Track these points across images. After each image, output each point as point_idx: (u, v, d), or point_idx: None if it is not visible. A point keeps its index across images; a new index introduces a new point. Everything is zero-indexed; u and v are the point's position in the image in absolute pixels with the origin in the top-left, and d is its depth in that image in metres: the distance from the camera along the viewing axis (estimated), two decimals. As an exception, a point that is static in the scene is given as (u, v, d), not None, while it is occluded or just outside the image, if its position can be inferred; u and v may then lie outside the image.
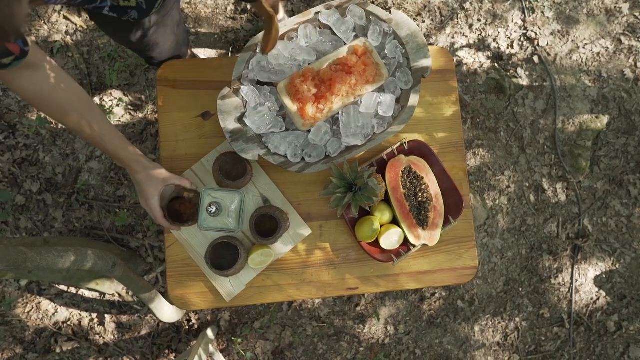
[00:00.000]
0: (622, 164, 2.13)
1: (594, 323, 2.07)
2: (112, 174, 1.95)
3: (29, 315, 1.90)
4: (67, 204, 1.93)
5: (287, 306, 1.97)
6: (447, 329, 2.02)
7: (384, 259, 1.19)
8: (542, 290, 2.06)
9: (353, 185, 1.11)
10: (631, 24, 2.18)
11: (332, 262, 1.23)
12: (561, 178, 2.10)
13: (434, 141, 1.29)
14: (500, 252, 2.06)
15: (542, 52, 2.14)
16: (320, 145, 1.16)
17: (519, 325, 2.05)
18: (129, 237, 1.93)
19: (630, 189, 2.12)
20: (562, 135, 2.11)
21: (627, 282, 2.10)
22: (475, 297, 2.04)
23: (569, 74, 2.14)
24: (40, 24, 1.98)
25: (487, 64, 2.11)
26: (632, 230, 2.11)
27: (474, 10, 2.14)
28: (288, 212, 1.22)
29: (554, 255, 2.07)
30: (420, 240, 1.18)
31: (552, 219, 2.09)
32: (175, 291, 1.21)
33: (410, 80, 1.18)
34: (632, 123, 2.14)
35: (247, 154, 1.12)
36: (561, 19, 2.16)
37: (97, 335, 1.91)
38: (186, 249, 1.20)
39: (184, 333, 1.92)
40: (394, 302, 2.00)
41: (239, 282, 1.20)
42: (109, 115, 1.96)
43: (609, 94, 2.15)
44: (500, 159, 2.08)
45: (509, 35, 2.14)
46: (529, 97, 2.11)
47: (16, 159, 1.93)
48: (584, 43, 2.16)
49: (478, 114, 2.08)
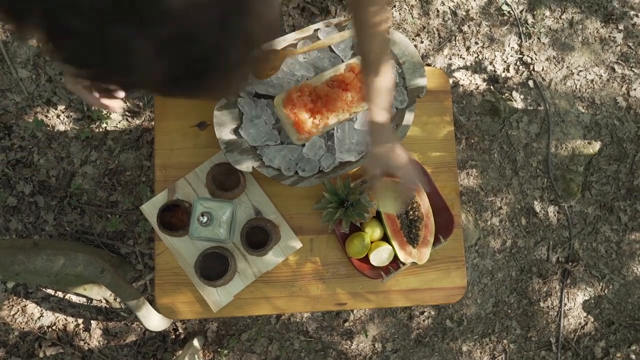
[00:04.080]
0: (613, 190, 2.15)
1: (581, 348, 2.07)
2: (106, 179, 1.95)
3: (13, 318, 1.88)
4: (59, 207, 1.93)
5: (275, 319, 1.96)
6: (435, 348, 2.01)
7: (373, 275, 1.19)
8: (531, 313, 2.07)
9: (345, 200, 1.12)
10: (624, 53, 2.22)
11: (321, 276, 1.23)
12: (553, 202, 2.12)
13: (427, 160, 1.30)
14: (490, 273, 2.06)
15: (537, 76, 2.17)
16: (314, 159, 1.17)
17: (506, 347, 2.05)
18: (120, 243, 1.92)
19: (620, 215, 2.13)
20: (554, 159, 2.14)
21: (615, 308, 2.11)
22: (464, 317, 2.04)
23: (563, 99, 2.17)
24: (42, 27, 1.99)
25: (483, 86, 2.14)
26: (621, 256, 2.12)
27: (471, 33, 2.18)
28: (279, 225, 1.22)
29: (544, 279, 2.08)
30: (410, 258, 1.19)
31: (543, 242, 2.10)
32: (162, 299, 1.20)
33: (405, 100, 1.19)
34: (623, 150, 2.17)
35: (241, 165, 1.13)
36: (557, 46, 2.20)
37: (82, 341, 1.89)
38: (176, 258, 1.20)
39: (170, 342, 1.90)
40: (382, 319, 2.00)
41: (227, 292, 1.20)
42: (106, 121, 1.96)
43: (601, 120, 2.18)
44: (493, 181, 2.10)
45: (505, 59, 2.18)
46: (523, 120, 2.14)
47: (10, 160, 1.93)
48: (579, 70, 2.20)
49: (472, 135, 2.10)
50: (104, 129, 1.97)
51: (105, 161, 1.96)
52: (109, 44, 0.37)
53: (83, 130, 1.95)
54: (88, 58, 0.39)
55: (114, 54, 0.38)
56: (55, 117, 1.96)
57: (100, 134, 1.96)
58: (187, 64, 0.41)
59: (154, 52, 0.38)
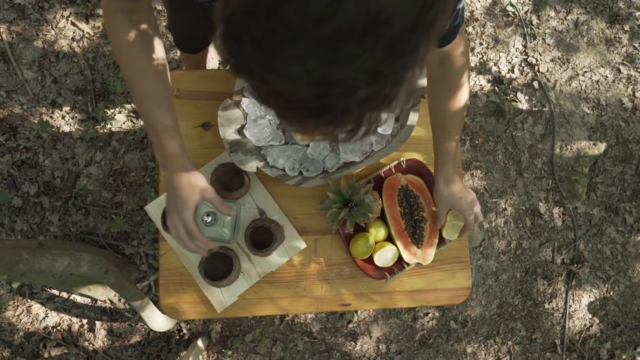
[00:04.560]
0: (619, 191, 2.14)
1: (586, 350, 2.06)
2: (111, 180, 1.96)
3: (19, 319, 1.89)
4: (63, 208, 1.93)
5: (279, 320, 1.96)
6: (439, 349, 2.01)
7: (377, 276, 1.19)
8: (536, 315, 2.06)
9: (349, 201, 1.12)
10: (630, 53, 2.21)
11: (325, 277, 1.23)
12: (558, 203, 2.11)
13: (432, 160, 1.29)
14: (495, 274, 2.06)
15: (542, 77, 2.16)
16: (318, 159, 1.17)
17: (511, 349, 2.04)
18: (124, 244, 1.92)
19: (626, 217, 2.12)
20: (559, 160, 2.13)
21: (620, 310, 2.09)
22: (469, 319, 2.03)
23: (568, 100, 2.16)
24: (48, 28, 2.00)
25: (487, 87, 2.14)
26: (627, 258, 2.11)
27: (476, 34, 2.17)
28: (284, 225, 1.22)
29: (549, 280, 2.07)
30: (415, 259, 1.18)
31: (548, 243, 2.09)
32: (166, 299, 1.20)
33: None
34: (629, 151, 2.16)
35: (246, 165, 1.13)
36: (562, 46, 2.19)
37: (87, 342, 1.90)
38: (180, 258, 1.20)
39: (174, 343, 1.90)
40: (386, 321, 1.99)
41: (231, 293, 1.20)
42: (111, 122, 1.97)
43: (607, 121, 2.17)
44: (498, 182, 2.09)
45: (509, 60, 2.17)
46: (528, 121, 2.13)
47: (16, 161, 1.94)
48: (584, 71, 2.19)
49: (477, 136, 2.10)
50: (108, 130, 1.97)
51: (110, 162, 1.96)
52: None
53: (88, 131, 1.96)
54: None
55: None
56: (60, 118, 1.97)
57: (105, 135, 1.97)
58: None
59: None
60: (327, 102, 0.43)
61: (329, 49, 0.39)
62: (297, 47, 0.39)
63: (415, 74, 0.45)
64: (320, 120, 0.45)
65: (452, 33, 0.84)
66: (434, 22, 0.41)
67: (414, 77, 0.46)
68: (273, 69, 0.41)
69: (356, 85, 0.42)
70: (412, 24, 0.40)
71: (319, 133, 0.50)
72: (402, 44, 0.41)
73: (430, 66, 0.98)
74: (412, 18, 0.39)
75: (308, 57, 0.40)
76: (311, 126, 0.48)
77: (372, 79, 0.41)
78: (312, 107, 0.44)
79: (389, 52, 0.40)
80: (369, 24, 0.38)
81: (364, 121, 0.47)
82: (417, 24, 0.40)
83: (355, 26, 0.38)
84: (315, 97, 0.42)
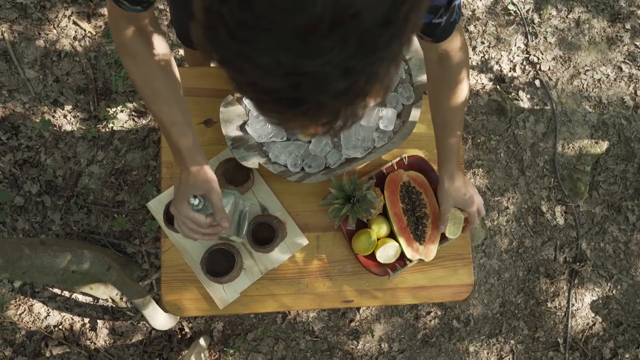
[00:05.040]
0: (621, 190, 2.14)
1: (589, 349, 2.05)
2: (112, 178, 1.96)
3: (20, 318, 1.89)
4: (65, 207, 1.93)
5: (281, 319, 1.95)
6: (442, 348, 2.00)
7: (379, 272, 1.18)
8: (538, 314, 2.05)
9: (351, 196, 1.12)
10: (632, 52, 2.21)
11: (328, 273, 1.23)
12: (560, 201, 2.10)
13: (434, 157, 1.29)
14: (497, 273, 2.05)
15: (543, 76, 2.16)
16: (320, 156, 1.17)
17: (514, 347, 2.03)
18: (126, 243, 1.92)
19: (628, 215, 2.12)
20: (561, 159, 2.12)
21: (623, 308, 2.09)
22: (471, 318, 2.02)
23: (569, 98, 2.16)
24: (50, 28, 2.00)
25: (489, 86, 2.14)
26: (629, 256, 2.10)
27: (477, 32, 2.17)
28: (286, 222, 1.22)
29: (551, 279, 2.07)
30: (417, 255, 1.18)
31: (550, 242, 2.09)
32: (168, 296, 1.20)
33: (412, 96, 1.19)
34: (631, 150, 2.16)
35: (248, 161, 1.13)
36: (563, 45, 2.19)
37: (88, 341, 1.89)
38: (182, 255, 1.20)
39: (176, 342, 1.90)
40: (389, 319, 1.99)
41: (233, 289, 1.19)
42: (113, 121, 1.97)
43: (608, 120, 2.16)
44: (500, 180, 2.09)
45: (511, 59, 2.17)
46: (530, 120, 2.13)
47: (17, 160, 1.94)
48: (585, 69, 2.19)
49: (479, 135, 2.09)
50: (110, 128, 1.98)
51: (112, 161, 1.97)
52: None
53: (90, 130, 1.96)
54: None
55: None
56: (62, 117, 1.97)
57: (106, 133, 1.97)
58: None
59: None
60: (300, 94, 0.44)
61: (300, 41, 0.39)
62: (269, 38, 0.40)
63: (390, 70, 0.46)
64: (295, 112, 0.46)
65: (448, 29, 0.85)
66: (406, 18, 0.42)
67: (390, 73, 0.46)
68: (247, 59, 0.42)
69: (328, 79, 0.42)
70: (383, 19, 0.40)
71: (294, 125, 0.50)
72: (374, 39, 0.41)
73: (429, 64, 0.98)
74: (382, 13, 0.40)
75: (280, 48, 0.40)
76: (286, 118, 0.49)
77: (343, 73, 0.42)
78: (286, 99, 0.45)
79: (360, 47, 0.41)
80: (338, 18, 0.38)
81: (340, 115, 0.48)
82: (388, 19, 0.40)
83: (323, 20, 0.38)
84: (289, 88, 0.43)
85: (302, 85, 0.43)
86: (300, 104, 0.45)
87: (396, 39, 0.43)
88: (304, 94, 0.44)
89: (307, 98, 0.44)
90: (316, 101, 0.45)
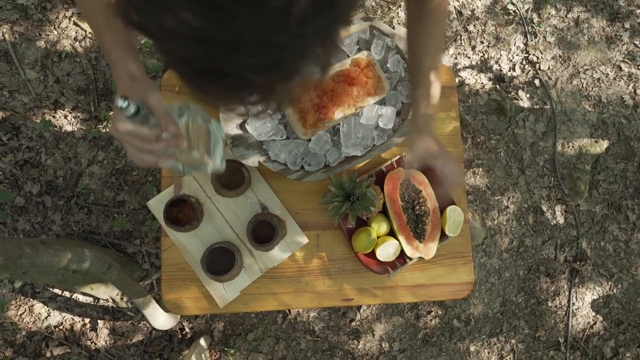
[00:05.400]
0: (621, 188, 2.14)
1: (590, 348, 2.05)
2: (113, 179, 1.96)
3: (21, 318, 1.89)
4: (66, 207, 1.94)
5: (281, 319, 1.95)
6: (442, 348, 2.00)
7: (379, 270, 1.19)
8: (539, 313, 2.05)
9: (351, 194, 1.12)
10: (631, 51, 2.21)
11: (328, 272, 1.23)
12: (560, 200, 2.11)
13: (433, 156, 1.30)
14: (498, 272, 2.05)
15: (543, 75, 2.17)
16: (320, 154, 1.17)
17: (514, 347, 2.03)
18: (126, 243, 1.92)
19: (628, 214, 2.12)
20: (561, 158, 2.13)
21: (624, 307, 2.09)
22: (472, 317, 2.02)
23: (569, 98, 2.16)
24: (50, 29, 2.01)
25: (488, 85, 2.14)
26: (629, 255, 2.10)
27: (477, 32, 2.18)
28: (286, 220, 1.22)
29: (552, 278, 2.07)
30: (417, 253, 1.18)
31: (550, 241, 2.09)
32: (169, 295, 1.20)
33: (411, 94, 1.19)
34: (630, 149, 2.16)
35: (247, 160, 1.13)
36: (562, 44, 2.20)
37: (89, 341, 1.90)
38: (182, 253, 1.21)
39: (177, 342, 1.90)
40: (389, 319, 1.99)
41: (233, 288, 1.20)
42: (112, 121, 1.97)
43: (608, 119, 2.17)
44: (500, 180, 2.09)
45: (510, 58, 2.17)
46: (530, 119, 2.13)
47: (18, 161, 1.94)
48: (585, 68, 2.19)
49: (478, 134, 2.10)
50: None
51: (112, 161, 1.97)
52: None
53: (90, 131, 1.96)
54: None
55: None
56: (63, 117, 1.98)
57: (107, 134, 1.98)
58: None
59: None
60: (219, 65, 0.42)
61: (211, 2, 0.37)
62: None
63: (328, 50, 0.43)
64: (219, 86, 0.44)
65: None
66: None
67: (326, 53, 0.44)
68: (158, 21, 0.39)
69: (244, 50, 0.40)
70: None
71: (225, 103, 0.48)
72: (298, 14, 0.38)
73: (409, 5, 0.94)
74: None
75: (188, 10, 0.38)
76: (214, 94, 0.47)
77: (263, 46, 0.40)
78: (207, 71, 0.43)
79: (281, 20, 0.38)
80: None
81: (273, 93, 0.46)
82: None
83: None
84: (205, 58, 0.41)
85: (219, 55, 0.40)
86: (222, 77, 0.43)
87: (325, 17, 0.40)
88: (223, 66, 0.41)
89: (228, 71, 0.42)
90: (239, 75, 0.42)
